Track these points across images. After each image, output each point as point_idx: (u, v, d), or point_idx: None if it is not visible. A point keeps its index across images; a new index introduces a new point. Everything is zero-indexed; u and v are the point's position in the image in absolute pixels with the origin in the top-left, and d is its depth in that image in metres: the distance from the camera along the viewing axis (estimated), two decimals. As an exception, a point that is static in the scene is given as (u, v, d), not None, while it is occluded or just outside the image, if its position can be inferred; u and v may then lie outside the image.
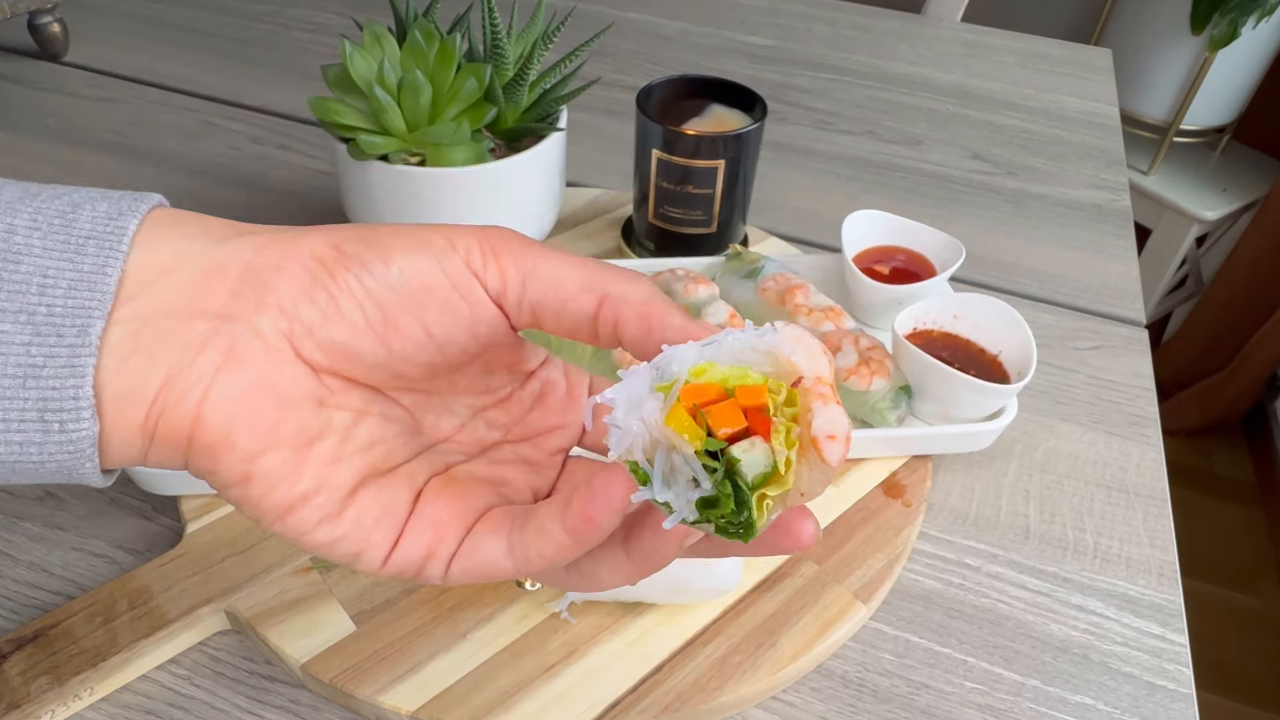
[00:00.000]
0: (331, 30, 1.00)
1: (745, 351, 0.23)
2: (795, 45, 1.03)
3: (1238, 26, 1.46)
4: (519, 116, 0.60)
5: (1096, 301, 0.69)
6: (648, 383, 0.22)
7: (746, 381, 0.22)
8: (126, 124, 0.82)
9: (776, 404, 0.22)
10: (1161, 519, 0.53)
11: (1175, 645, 0.47)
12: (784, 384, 0.22)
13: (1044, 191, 0.82)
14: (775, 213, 0.76)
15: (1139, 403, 0.60)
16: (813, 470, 0.22)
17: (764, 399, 0.22)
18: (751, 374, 0.22)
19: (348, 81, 0.56)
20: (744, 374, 0.22)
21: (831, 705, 0.43)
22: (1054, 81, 0.99)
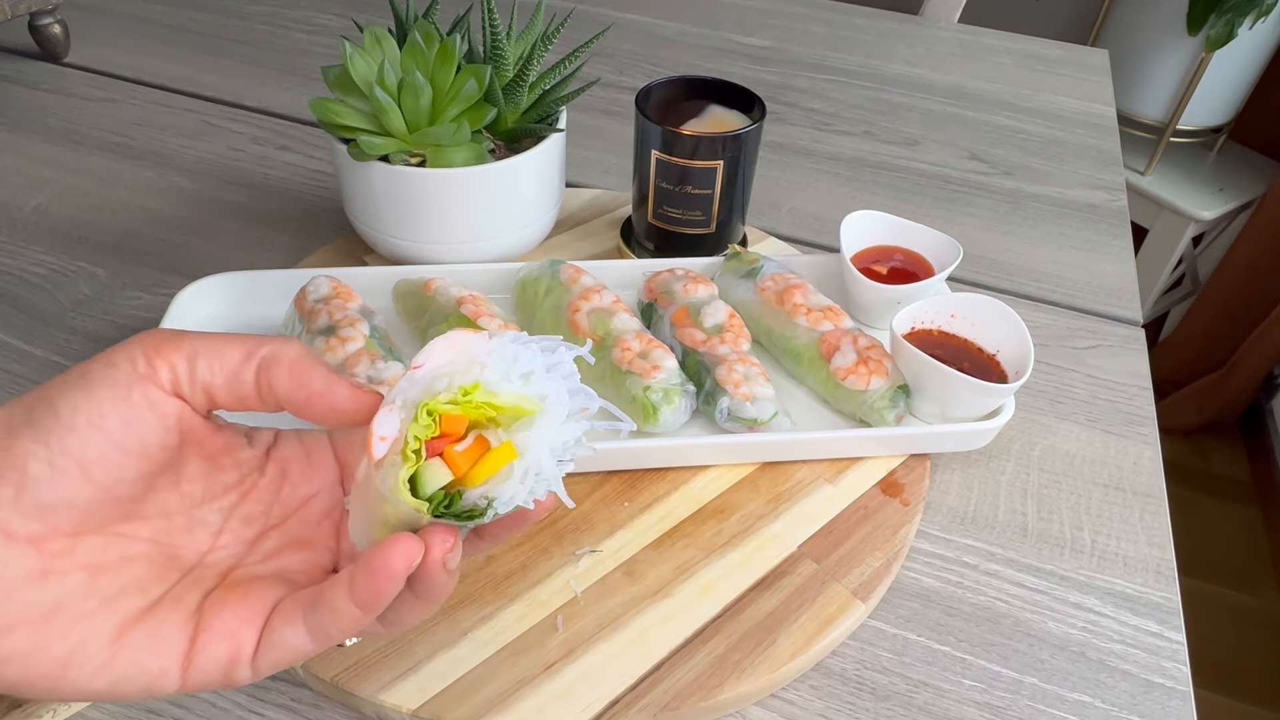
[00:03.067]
0: (332, 31, 1.00)
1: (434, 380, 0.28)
2: (793, 46, 1.03)
3: (1234, 27, 1.46)
4: (519, 117, 0.60)
5: (1093, 301, 0.70)
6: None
7: (440, 410, 0.27)
8: (127, 125, 0.82)
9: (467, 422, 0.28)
10: (1159, 517, 0.53)
11: (1173, 643, 0.47)
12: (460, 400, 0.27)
13: (1041, 191, 0.82)
14: (774, 213, 0.77)
15: (1136, 402, 0.61)
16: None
17: (459, 426, 0.28)
18: (441, 400, 0.27)
19: (348, 82, 0.56)
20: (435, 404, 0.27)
21: (830, 703, 0.43)
22: (1051, 82, 1.00)
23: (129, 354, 0.28)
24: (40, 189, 0.74)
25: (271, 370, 0.29)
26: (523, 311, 0.59)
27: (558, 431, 0.28)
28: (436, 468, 0.27)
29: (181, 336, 0.28)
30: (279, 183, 0.76)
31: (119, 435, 0.27)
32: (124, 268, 0.66)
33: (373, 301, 0.57)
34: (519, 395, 0.28)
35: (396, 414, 0.27)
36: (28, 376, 0.57)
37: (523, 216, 0.61)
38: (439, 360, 0.28)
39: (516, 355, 0.28)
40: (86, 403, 0.26)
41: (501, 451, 0.28)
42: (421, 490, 0.27)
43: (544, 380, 0.28)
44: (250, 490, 0.32)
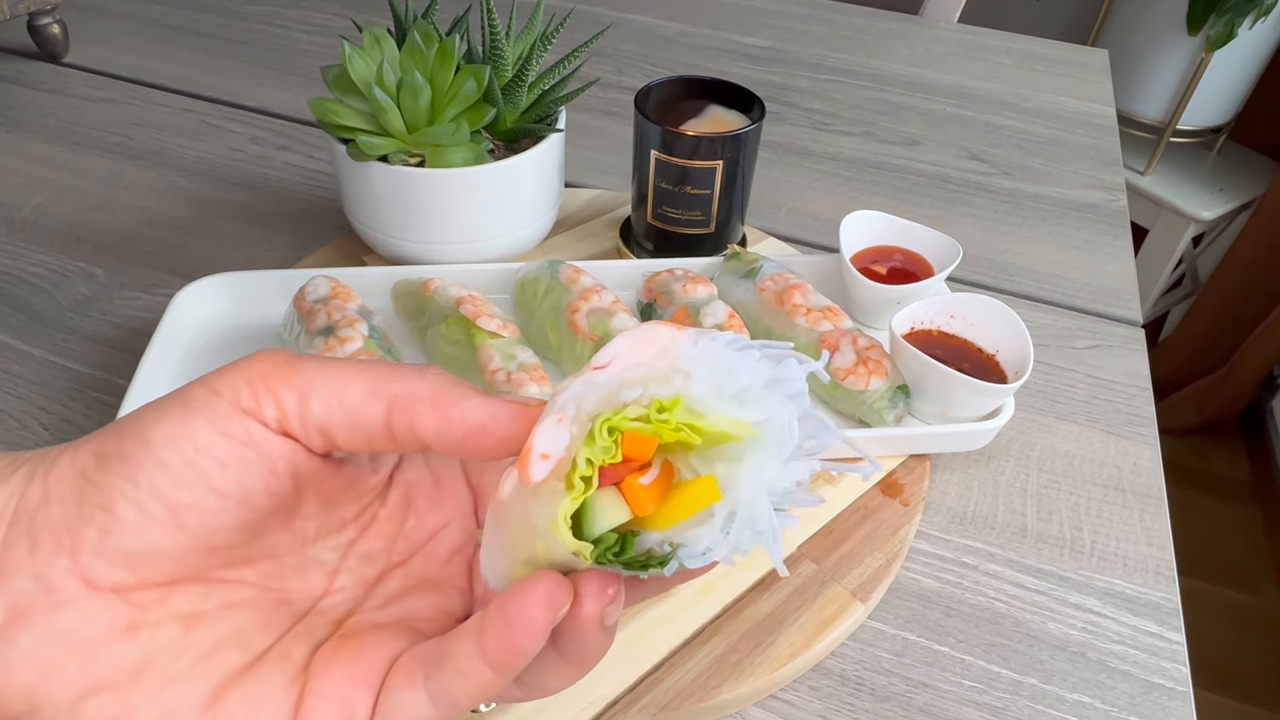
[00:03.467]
0: (331, 31, 1.00)
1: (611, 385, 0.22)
2: (793, 46, 1.03)
3: (1234, 27, 1.46)
4: (518, 117, 0.60)
5: (1093, 301, 0.70)
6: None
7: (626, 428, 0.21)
8: (126, 125, 0.82)
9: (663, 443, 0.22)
10: (1158, 518, 0.53)
11: (1172, 643, 0.47)
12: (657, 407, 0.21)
13: (1041, 191, 0.82)
14: (773, 213, 0.77)
15: (1136, 402, 0.61)
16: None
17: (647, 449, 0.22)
18: (629, 414, 0.21)
19: (347, 83, 0.56)
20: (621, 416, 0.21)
21: (830, 704, 0.43)
22: (1051, 82, 1.00)
23: (232, 382, 0.23)
24: (39, 189, 0.74)
25: (412, 410, 0.24)
26: (522, 312, 0.59)
27: (778, 470, 0.21)
28: (611, 502, 0.22)
29: (294, 367, 0.24)
30: (278, 183, 0.76)
31: (216, 478, 0.23)
32: (123, 268, 0.66)
33: (372, 302, 0.57)
34: (732, 419, 0.21)
35: (566, 427, 0.21)
36: (26, 376, 0.57)
37: (522, 217, 0.61)
38: (629, 361, 0.22)
39: (733, 365, 0.21)
40: (182, 435, 0.23)
41: (702, 489, 0.22)
42: (587, 529, 0.22)
43: (766, 400, 0.21)
44: (370, 523, 0.27)
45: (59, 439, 0.53)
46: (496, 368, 0.51)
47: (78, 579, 0.22)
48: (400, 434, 0.24)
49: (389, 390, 0.24)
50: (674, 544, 0.22)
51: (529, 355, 0.52)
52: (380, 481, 0.28)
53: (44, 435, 0.53)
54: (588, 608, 0.22)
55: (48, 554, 0.22)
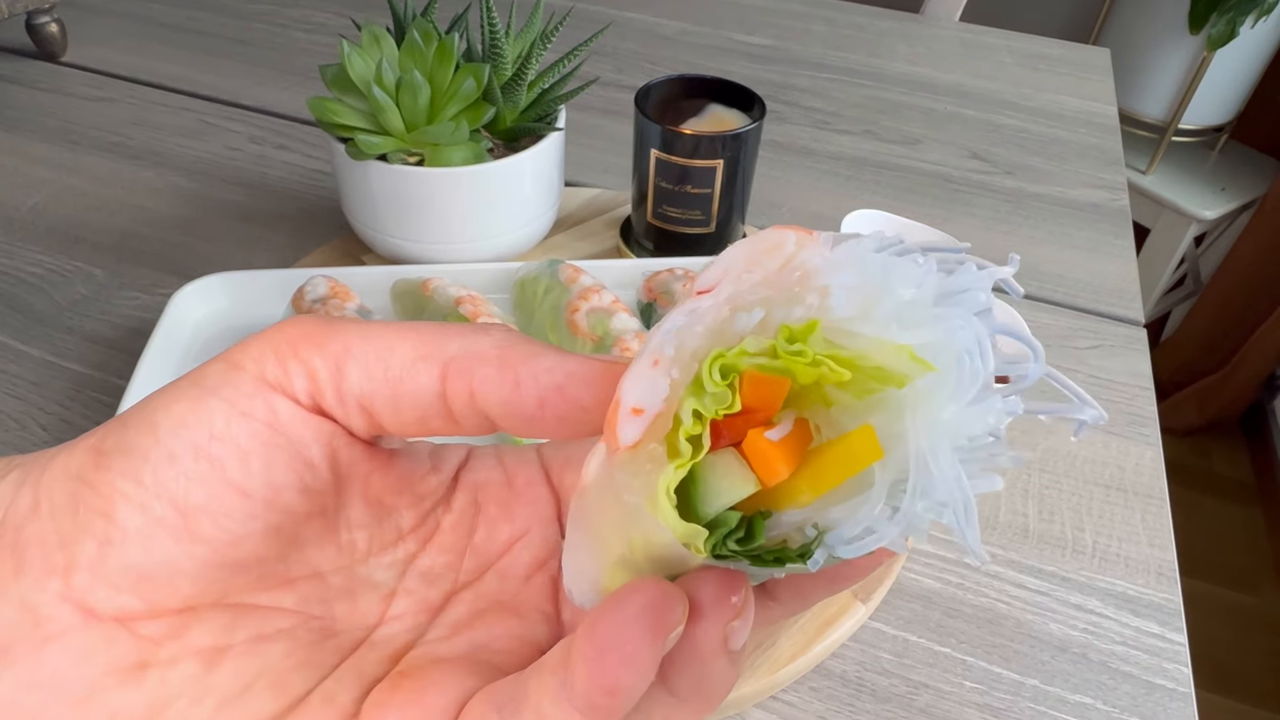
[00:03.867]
0: (330, 30, 1.00)
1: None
2: (793, 45, 1.03)
3: (1236, 26, 1.46)
4: (517, 116, 0.60)
5: (1095, 301, 0.70)
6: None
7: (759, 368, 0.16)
8: (125, 124, 0.82)
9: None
10: (1160, 518, 0.53)
11: (1174, 644, 0.47)
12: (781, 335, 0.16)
13: (1042, 191, 0.82)
14: (774, 212, 0.76)
15: (1138, 402, 0.61)
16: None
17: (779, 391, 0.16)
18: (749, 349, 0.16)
19: (346, 81, 0.56)
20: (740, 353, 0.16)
21: (830, 705, 0.43)
22: (1052, 81, 0.99)
23: (257, 352, 0.19)
24: (37, 188, 0.73)
25: (472, 374, 0.19)
26: (521, 311, 0.58)
27: (962, 414, 0.15)
28: (731, 469, 0.16)
29: (330, 330, 0.20)
30: (277, 182, 0.76)
31: (236, 471, 0.19)
32: (121, 267, 0.66)
33: (370, 301, 0.57)
34: (894, 345, 0.15)
35: (664, 371, 0.16)
36: (24, 377, 0.57)
37: (521, 216, 0.61)
38: (746, 280, 0.16)
39: (888, 273, 0.16)
40: (194, 419, 0.19)
41: (857, 444, 0.16)
42: (700, 508, 0.16)
43: (940, 319, 0.15)
44: (433, 534, 0.23)
45: (57, 439, 0.53)
46: (496, 367, 0.51)
47: (72, 605, 0.18)
48: (459, 407, 0.20)
49: (443, 350, 0.20)
50: (820, 526, 0.16)
51: (528, 355, 0.52)
52: (443, 482, 0.23)
53: (42, 435, 0.53)
54: (707, 624, 0.17)
55: (36, 575, 0.18)
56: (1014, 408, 0.16)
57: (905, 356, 0.15)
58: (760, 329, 0.16)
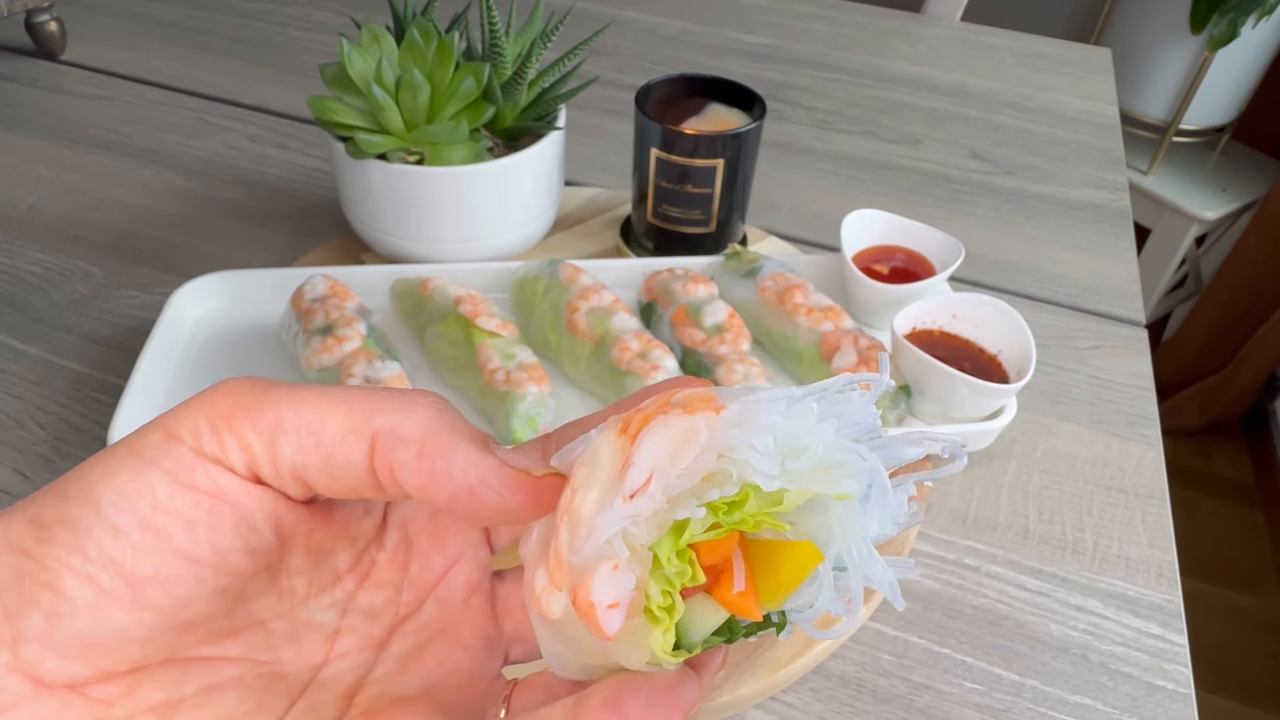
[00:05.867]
0: (330, 29, 0.99)
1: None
2: (794, 44, 1.03)
3: (1237, 26, 1.46)
4: (517, 115, 0.60)
5: (1096, 301, 0.69)
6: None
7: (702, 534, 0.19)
8: (124, 123, 0.82)
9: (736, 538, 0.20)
10: (1161, 519, 0.53)
11: (1174, 645, 0.47)
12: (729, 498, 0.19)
13: (1043, 191, 0.82)
14: (774, 212, 0.76)
15: (1138, 403, 0.60)
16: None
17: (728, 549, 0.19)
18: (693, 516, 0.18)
19: (346, 80, 0.56)
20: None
21: (830, 705, 0.43)
22: (1053, 81, 0.99)
23: (192, 424, 0.20)
24: (36, 187, 0.73)
25: (393, 453, 0.20)
26: (521, 311, 0.58)
27: (875, 511, 0.19)
28: (706, 606, 0.19)
29: (261, 401, 0.20)
30: (276, 181, 0.76)
31: (183, 540, 0.19)
32: (120, 266, 0.66)
33: (370, 301, 0.57)
34: (814, 493, 0.19)
35: (625, 571, 0.18)
36: (23, 376, 0.56)
37: (521, 215, 0.61)
38: (670, 472, 0.18)
39: (793, 431, 0.18)
40: (136, 492, 0.19)
41: (802, 556, 0.19)
42: (687, 638, 0.19)
43: (842, 457, 0.19)
44: (369, 571, 0.24)
45: (56, 438, 0.53)
46: (495, 367, 0.50)
47: (21, 676, 0.18)
48: (385, 481, 0.20)
49: (371, 425, 0.20)
50: (782, 611, 0.20)
51: (528, 355, 0.52)
52: (375, 524, 0.24)
53: (41, 434, 0.53)
54: (691, 693, 0.19)
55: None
56: (908, 490, 0.20)
57: (830, 486, 0.19)
58: (699, 511, 0.18)
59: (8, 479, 0.50)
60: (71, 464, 0.51)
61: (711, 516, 0.18)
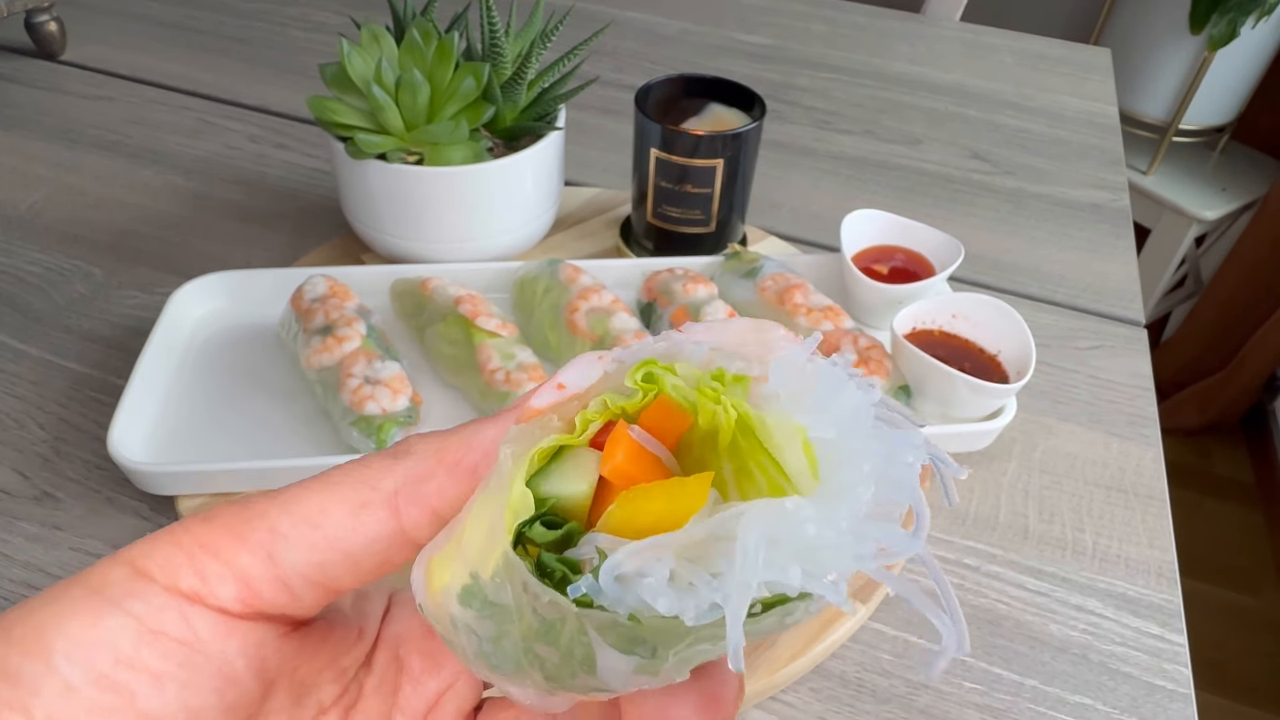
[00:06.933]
0: (330, 29, 0.99)
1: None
2: (794, 44, 1.03)
3: (1237, 26, 1.46)
4: (517, 115, 0.60)
5: (1096, 301, 0.69)
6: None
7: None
8: (124, 123, 0.82)
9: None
10: (1160, 519, 0.53)
11: (1174, 645, 0.47)
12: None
13: (1043, 191, 0.82)
14: (774, 212, 0.76)
15: (1138, 403, 0.60)
16: None
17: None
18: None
19: (345, 80, 0.56)
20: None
21: (830, 705, 0.43)
22: (1053, 81, 0.99)
23: (165, 558, 0.17)
24: (36, 187, 0.73)
25: (426, 495, 0.18)
26: (521, 311, 0.58)
27: (814, 531, 0.14)
28: (585, 460, 0.17)
29: (246, 516, 0.18)
30: (276, 181, 0.76)
31: (148, 700, 0.16)
32: (120, 266, 0.66)
33: (370, 301, 0.57)
34: (793, 425, 0.15)
35: (602, 365, 0.17)
36: (23, 376, 0.56)
37: (521, 215, 0.61)
38: (727, 337, 0.17)
39: (837, 387, 0.16)
40: (92, 640, 0.16)
41: (686, 487, 0.15)
42: (541, 484, 0.17)
43: (853, 437, 0.15)
44: (355, 701, 0.21)
45: (56, 438, 0.53)
46: (495, 367, 0.50)
47: None
48: (426, 534, 0.19)
49: (380, 491, 0.18)
50: (602, 550, 0.15)
51: (528, 355, 0.52)
52: (366, 650, 0.22)
53: (41, 435, 0.53)
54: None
55: None
56: (862, 566, 0.14)
57: (798, 444, 0.15)
58: (703, 365, 0.17)
59: (7, 479, 0.50)
60: (71, 465, 0.51)
61: (698, 374, 0.17)
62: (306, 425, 0.52)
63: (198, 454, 0.50)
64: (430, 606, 0.18)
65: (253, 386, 0.54)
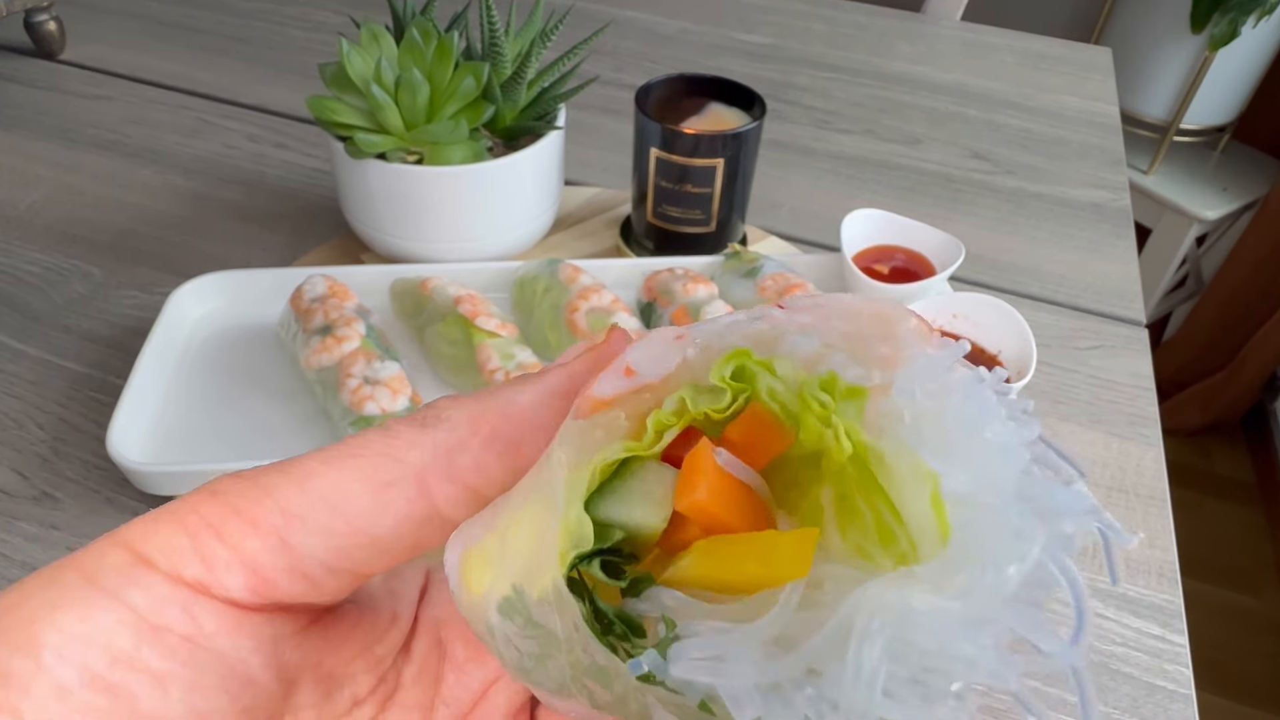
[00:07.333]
0: (329, 28, 0.99)
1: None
2: (794, 44, 1.03)
3: (1238, 25, 1.46)
4: (517, 115, 0.60)
5: (1096, 301, 0.69)
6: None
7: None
8: (123, 122, 0.82)
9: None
10: (1161, 519, 0.53)
11: (1175, 646, 0.46)
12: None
13: (1044, 191, 0.81)
14: (774, 212, 0.76)
15: (1139, 403, 0.60)
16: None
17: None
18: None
19: (345, 80, 0.55)
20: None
21: (830, 707, 0.43)
22: (1054, 80, 0.99)
23: (167, 540, 0.15)
24: (35, 187, 0.73)
25: (461, 470, 0.16)
26: (520, 311, 0.58)
27: (946, 635, 0.11)
28: (661, 482, 0.14)
29: (257, 494, 0.16)
30: (275, 181, 0.76)
31: (150, 702, 0.15)
32: (119, 266, 0.66)
33: (369, 301, 0.56)
34: (925, 468, 0.12)
35: (682, 347, 0.14)
36: (22, 376, 0.56)
37: (521, 215, 0.61)
38: (832, 322, 0.14)
39: (986, 410, 0.13)
40: (85, 636, 0.14)
41: (786, 545, 0.13)
42: (602, 504, 0.14)
43: (1002, 489, 0.12)
44: (393, 692, 0.19)
45: (55, 438, 0.52)
46: (495, 367, 0.50)
47: None
48: (463, 511, 0.16)
49: (406, 466, 0.16)
50: (674, 626, 0.13)
51: (528, 354, 0.52)
52: (403, 635, 0.19)
53: (40, 435, 0.53)
54: None
55: None
56: (1008, 673, 0.11)
57: (927, 497, 0.12)
58: (808, 363, 0.13)
59: (6, 479, 0.50)
60: (70, 465, 0.51)
61: (801, 378, 0.13)
62: (306, 425, 0.52)
63: (197, 454, 0.50)
64: (465, 601, 0.16)
65: (252, 386, 0.54)
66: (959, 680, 0.11)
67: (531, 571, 0.14)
